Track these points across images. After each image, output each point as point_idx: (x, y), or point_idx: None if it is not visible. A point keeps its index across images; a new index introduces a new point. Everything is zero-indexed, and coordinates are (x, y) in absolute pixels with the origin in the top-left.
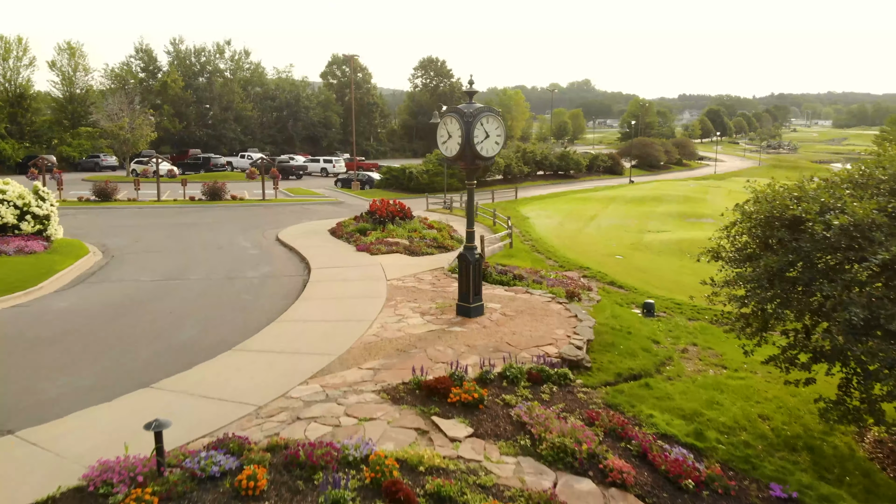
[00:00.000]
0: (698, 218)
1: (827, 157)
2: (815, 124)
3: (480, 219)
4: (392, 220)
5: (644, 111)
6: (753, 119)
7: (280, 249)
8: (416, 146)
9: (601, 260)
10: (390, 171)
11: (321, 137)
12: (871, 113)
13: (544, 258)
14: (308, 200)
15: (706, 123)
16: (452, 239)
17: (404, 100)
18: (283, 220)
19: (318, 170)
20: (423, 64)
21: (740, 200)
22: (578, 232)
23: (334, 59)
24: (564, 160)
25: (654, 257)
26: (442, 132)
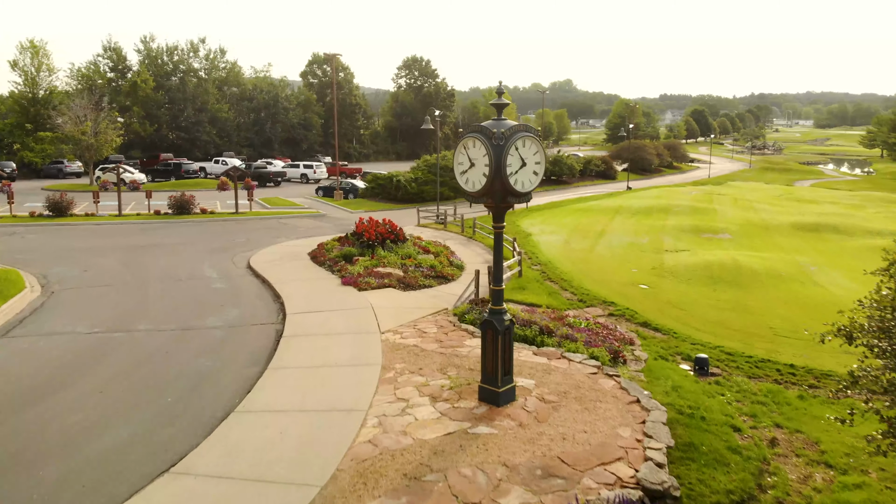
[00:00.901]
0: (714, 233)
1: (814, 159)
2: (795, 124)
3: (480, 237)
4: (382, 244)
5: (630, 112)
6: (736, 119)
7: (251, 282)
8: (399, 148)
9: (624, 290)
10: (376, 180)
11: (301, 140)
12: (851, 113)
13: (559, 289)
14: (286, 213)
15: (691, 124)
16: (452, 266)
17: (387, 100)
18: (256, 240)
19: (298, 176)
20: (406, 63)
21: (749, 210)
22: (589, 252)
23: (315, 58)
24: (558, 165)
25: (684, 287)
26: (461, 158)
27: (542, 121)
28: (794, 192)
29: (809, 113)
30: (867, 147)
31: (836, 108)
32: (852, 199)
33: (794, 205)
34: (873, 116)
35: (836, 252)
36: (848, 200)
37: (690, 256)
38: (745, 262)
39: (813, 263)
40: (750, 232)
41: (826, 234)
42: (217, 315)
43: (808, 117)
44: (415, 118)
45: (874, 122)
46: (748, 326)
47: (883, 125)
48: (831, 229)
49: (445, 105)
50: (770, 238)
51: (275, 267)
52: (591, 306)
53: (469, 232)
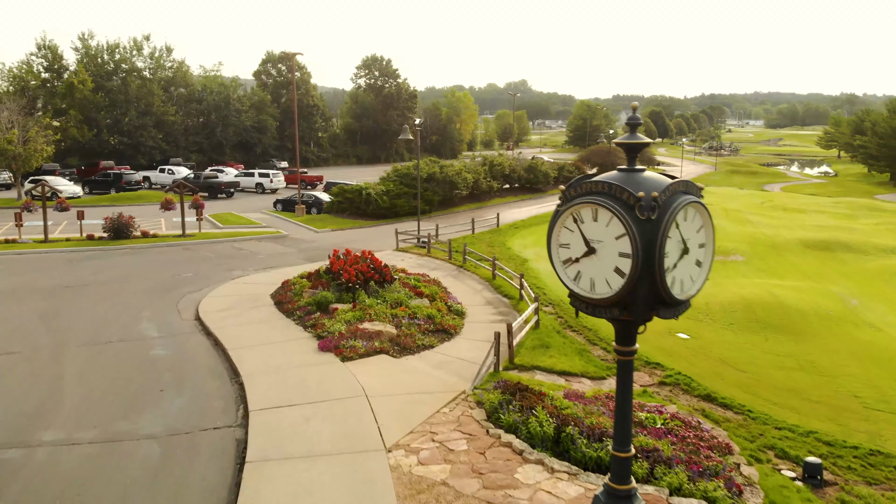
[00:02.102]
0: (725, 255)
1: (773, 160)
2: (747, 124)
3: (471, 266)
4: (365, 286)
5: (591, 113)
6: (692, 120)
7: (200, 344)
8: (360, 152)
9: (662, 342)
10: (343, 193)
11: (255, 144)
12: (801, 113)
13: (587, 342)
14: (242, 234)
15: (649, 125)
16: (451, 312)
17: (346, 101)
18: (207, 273)
19: (253, 185)
20: (366, 63)
21: (746, 224)
22: None
23: (269, 57)
24: (532, 172)
25: (730, 335)
26: (564, 237)
27: (498, 122)
28: (774, 198)
29: (759, 113)
30: (824, 148)
31: (786, 109)
32: (837, 207)
33: (785, 215)
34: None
35: (861, 277)
36: (834, 209)
37: (716, 288)
38: (786, 298)
39: (850, 294)
40: (761, 252)
41: (840, 254)
42: (155, 408)
43: (758, 117)
44: (376, 120)
45: (831, 123)
46: (828, 395)
47: (841, 126)
48: (843, 247)
49: (408, 106)
50: (784, 259)
51: (230, 319)
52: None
53: (458, 259)
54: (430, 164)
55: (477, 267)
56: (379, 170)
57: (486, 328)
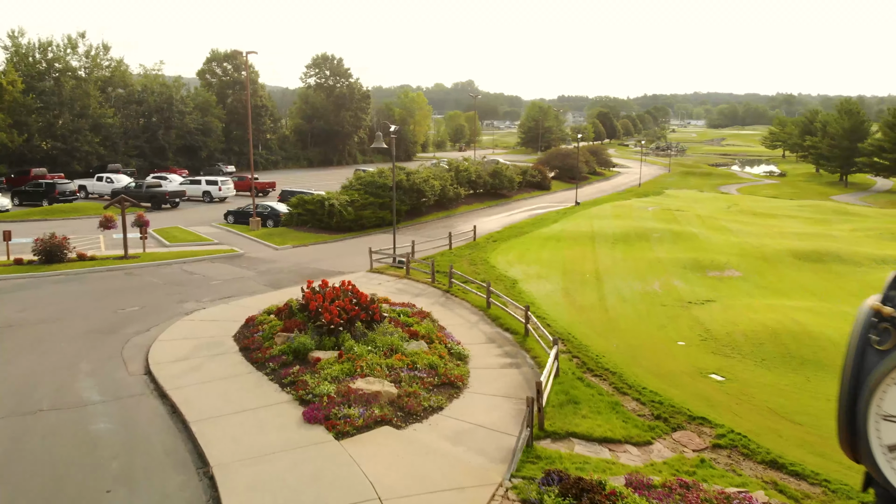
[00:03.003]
0: (720, 270)
1: (721, 160)
2: (689, 124)
3: (458, 290)
4: (350, 327)
5: (542, 114)
6: (637, 120)
7: (153, 412)
8: (311, 154)
9: (698, 387)
10: (304, 204)
11: (200, 147)
12: (741, 113)
13: (615, 392)
14: (192, 254)
15: (598, 126)
16: (452, 356)
17: (295, 101)
18: (156, 306)
19: (200, 194)
20: (316, 62)
21: (728, 234)
22: (604, 311)
23: (214, 55)
24: (497, 178)
25: (768, 374)
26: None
27: (450, 123)
28: (739, 202)
29: (700, 113)
30: (769, 147)
31: (727, 109)
32: (803, 211)
33: (758, 221)
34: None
35: (867, 293)
36: (801, 213)
37: (730, 313)
38: (809, 324)
39: None
40: (755, 266)
41: (835, 266)
42: None
43: (699, 117)
44: (327, 121)
45: (775, 123)
46: None
47: (787, 126)
48: (834, 258)
49: (361, 107)
50: (781, 273)
51: (188, 375)
52: (677, 428)
53: (443, 281)
54: (397, 172)
55: (466, 292)
56: (332, 173)
57: (496, 377)
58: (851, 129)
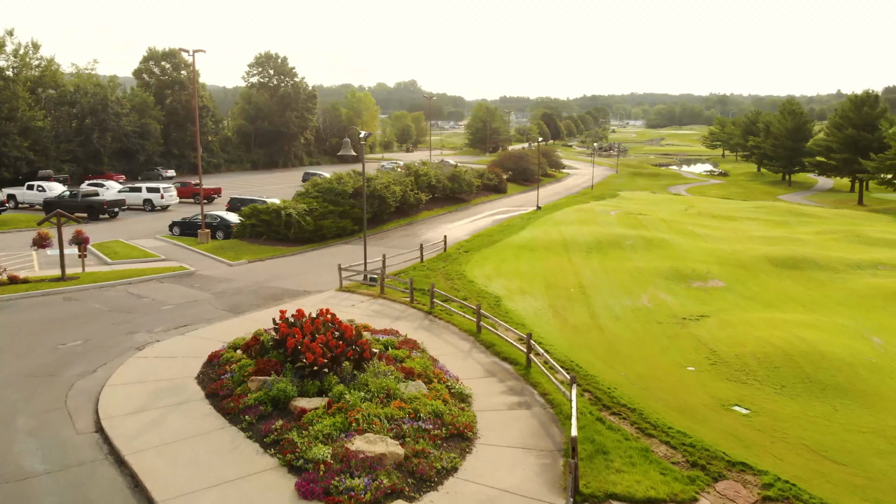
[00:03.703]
0: (703, 281)
1: (663, 160)
2: (627, 124)
3: (441, 311)
4: (336, 368)
5: (490, 115)
6: (579, 121)
7: (113, 491)
8: (255, 157)
9: (723, 423)
10: (258, 214)
11: (137, 151)
12: (678, 113)
13: (640, 434)
14: (138, 273)
15: (542, 127)
16: (454, 396)
17: (237, 101)
18: (102, 341)
19: (140, 202)
20: (259, 60)
21: (698, 239)
22: (599, 331)
23: (151, 54)
24: (456, 182)
25: (792, 404)
26: None
27: (396, 123)
28: (694, 204)
29: (638, 113)
30: (709, 147)
31: (664, 109)
32: (760, 213)
33: (721, 224)
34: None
35: (854, 302)
36: (758, 214)
37: (730, 331)
38: (818, 343)
39: (864, 328)
40: (736, 275)
41: (813, 273)
42: None
43: (637, 117)
44: (272, 122)
45: (715, 123)
46: None
47: (726, 126)
48: (811, 265)
49: (307, 107)
50: (762, 283)
51: (150, 433)
52: (719, 478)
53: (423, 301)
54: (356, 178)
55: (451, 314)
56: (279, 176)
57: (507, 422)
58: (794, 129)
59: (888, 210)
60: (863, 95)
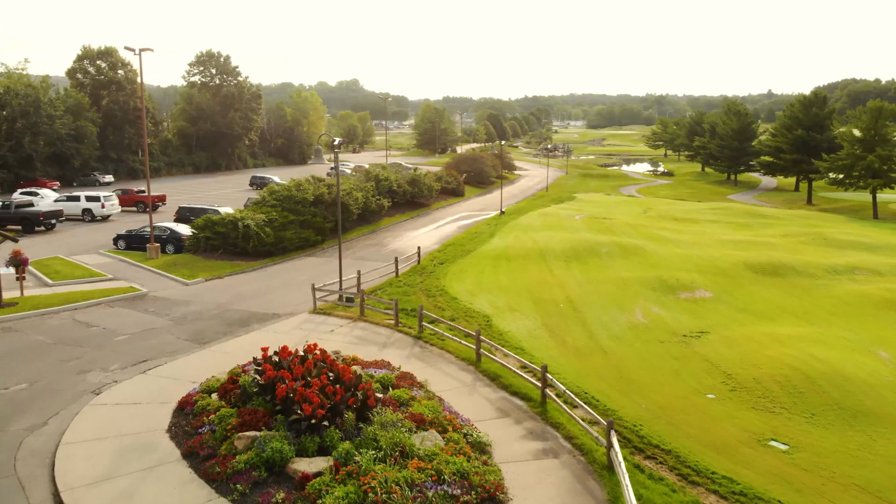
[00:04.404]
0: (690, 291)
1: (606, 161)
2: (569, 125)
3: (432, 335)
4: (336, 420)
5: (439, 116)
6: (523, 122)
7: None
8: (197, 159)
9: (761, 459)
10: (212, 225)
11: (72, 155)
12: (618, 113)
13: (685, 482)
14: (84, 296)
15: (489, 127)
16: (472, 446)
17: (177, 101)
18: (50, 384)
19: (79, 212)
20: (201, 59)
21: (669, 244)
22: (602, 354)
23: (86, 52)
24: (416, 186)
25: (826, 435)
26: None
27: (342, 123)
28: (652, 206)
29: (579, 114)
30: (651, 147)
31: (604, 110)
32: (718, 214)
33: (686, 228)
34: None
35: (844, 311)
36: (716, 216)
37: (737, 349)
38: (834, 362)
39: (865, 341)
40: (720, 284)
41: (794, 280)
42: None
43: (577, 118)
44: (214, 123)
45: (658, 123)
46: None
47: (668, 126)
48: (790, 271)
49: (251, 107)
50: (749, 292)
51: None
52: None
53: (409, 324)
54: (315, 184)
55: (443, 340)
56: (223, 180)
57: (538, 477)
58: (740, 129)
59: (838, 209)
60: (811, 96)
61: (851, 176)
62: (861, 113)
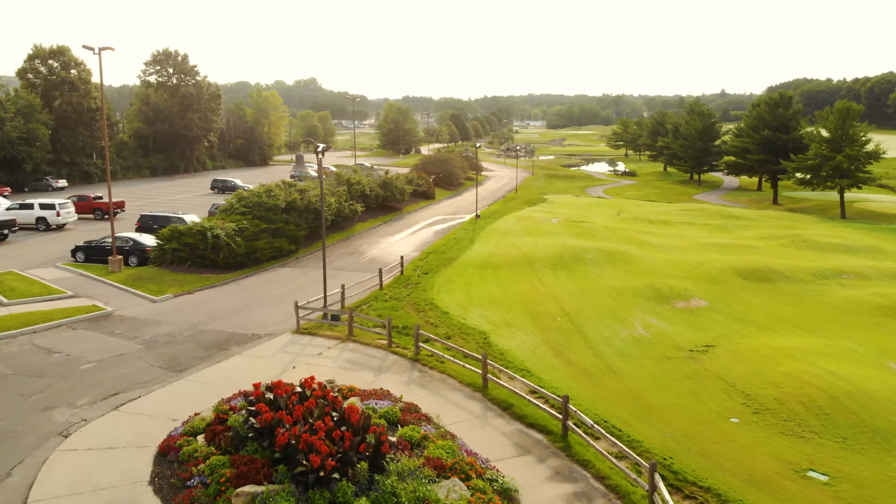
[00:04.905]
0: (685, 300)
1: (568, 161)
2: (528, 125)
3: (429, 357)
4: (348, 469)
5: (402, 116)
6: (485, 122)
7: None
8: (154, 162)
9: (804, 494)
10: (179, 235)
11: (23, 159)
12: (577, 114)
13: None
14: (43, 317)
15: (452, 128)
16: (498, 495)
17: (133, 102)
18: (10, 425)
19: (33, 220)
20: (157, 58)
21: (654, 249)
22: (611, 372)
23: (37, 51)
24: (388, 189)
25: (867, 464)
26: None
27: (302, 123)
28: (623, 208)
29: (538, 114)
30: (612, 147)
31: (563, 110)
32: (691, 215)
33: (662, 231)
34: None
35: (842, 320)
36: (690, 218)
37: (748, 366)
38: (853, 379)
39: (872, 353)
40: (712, 292)
41: (784, 286)
42: None
43: (537, 118)
44: (172, 124)
45: (619, 123)
46: None
47: (629, 127)
48: (778, 276)
49: (210, 108)
50: (741, 299)
51: None
52: None
53: (402, 344)
54: (286, 189)
55: (442, 361)
56: (182, 183)
57: None
58: (703, 129)
59: (804, 209)
60: (776, 97)
61: (819, 176)
62: (828, 113)
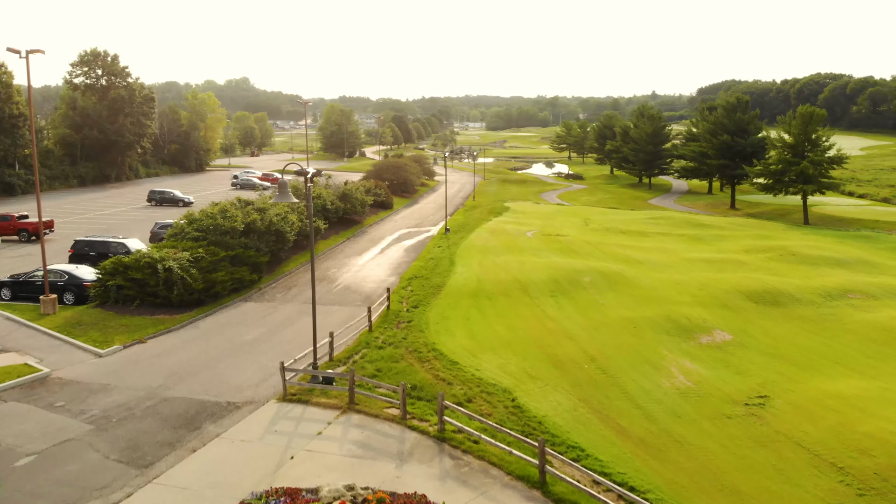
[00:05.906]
0: (709, 334)
1: (518, 165)
2: (468, 127)
3: (456, 435)
4: None
5: (346, 118)
6: (427, 123)
7: None
8: (83, 171)
9: None
10: (123, 269)
11: None
12: (515, 115)
13: None
14: None
15: (395, 129)
16: None
17: (59, 106)
18: None
19: None
20: (85, 59)
21: (647, 267)
22: (672, 440)
23: None
24: (348, 201)
25: None
26: None
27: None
28: (590, 217)
29: (477, 116)
30: (556, 150)
31: (502, 111)
32: (659, 225)
33: (640, 244)
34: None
35: (873, 351)
36: (661, 228)
37: (818, 425)
38: None
39: None
40: (731, 321)
41: (796, 310)
42: None
43: (475, 119)
44: (102, 129)
45: (563, 126)
46: None
47: (572, 129)
48: (789, 299)
49: (143, 111)
50: (761, 328)
51: None
52: None
53: (419, 413)
54: (243, 208)
55: (477, 443)
56: (114, 194)
57: None
58: (654, 133)
59: (762, 214)
60: (734, 101)
61: (782, 181)
62: (790, 118)
